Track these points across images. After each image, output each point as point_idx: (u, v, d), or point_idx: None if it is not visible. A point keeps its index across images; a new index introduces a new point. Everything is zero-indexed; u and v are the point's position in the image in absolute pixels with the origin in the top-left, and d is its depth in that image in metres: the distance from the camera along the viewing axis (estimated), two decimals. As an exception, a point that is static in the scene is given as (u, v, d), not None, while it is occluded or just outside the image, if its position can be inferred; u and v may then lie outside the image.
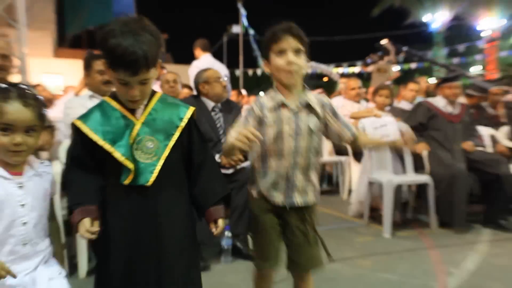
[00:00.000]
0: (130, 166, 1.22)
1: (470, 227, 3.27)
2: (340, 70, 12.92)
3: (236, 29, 11.75)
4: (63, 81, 11.98)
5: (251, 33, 11.44)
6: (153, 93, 1.32)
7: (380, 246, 2.94)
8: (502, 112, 4.29)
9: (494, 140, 3.86)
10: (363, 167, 3.69)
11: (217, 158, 2.52)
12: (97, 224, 1.19)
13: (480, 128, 3.79)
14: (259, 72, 12.81)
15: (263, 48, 1.59)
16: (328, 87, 10.74)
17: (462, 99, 4.04)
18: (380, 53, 6.16)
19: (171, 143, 1.28)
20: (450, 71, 6.43)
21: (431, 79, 7.73)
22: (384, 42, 6.13)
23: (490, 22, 14.85)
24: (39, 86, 5.04)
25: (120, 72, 1.18)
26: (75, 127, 1.26)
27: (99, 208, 1.22)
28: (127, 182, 1.22)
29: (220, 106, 2.89)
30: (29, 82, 4.16)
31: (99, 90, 2.56)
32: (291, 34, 1.47)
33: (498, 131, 3.99)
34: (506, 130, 4.00)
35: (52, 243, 1.31)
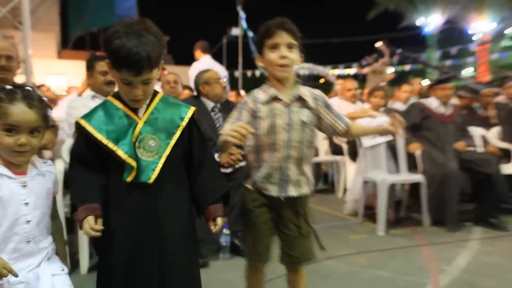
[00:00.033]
0: (133, 164, 1.24)
1: (461, 225, 3.30)
2: (337, 72, 12.94)
3: (235, 31, 11.77)
4: (66, 81, 11.99)
5: (250, 35, 11.48)
6: (155, 93, 1.34)
7: (374, 243, 2.97)
8: (493, 113, 4.32)
9: (485, 141, 3.90)
10: (358, 167, 3.73)
11: (216, 157, 2.55)
12: (100, 222, 1.21)
13: (471, 128, 3.83)
14: (257, 73, 12.84)
15: (257, 43, 1.61)
16: (325, 88, 10.80)
17: (455, 100, 4.09)
18: (375, 55, 6.24)
19: (173, 142, 1.30)
20: (443, 73, 6.51)
21: (425, 81, 7.82)
22: (379, 44, 6.21)
23: (481, 25, 15.02)
24: (43, 86, 5.08)
25: (124, 72, 1.20)
26: (79, 125, 1.27)
27: (102, 206, 1.24)
28: (130, 179, 1.24)
29: (220, 106, 2.93)
30: (33, 82, 4.17)
31: (101, 91, 2.59)
32: (284, 29, 1.50)
33: (489, 132, 4.03)
34: (496, 130, 4.03)
35: (54, 241, 1.32)
